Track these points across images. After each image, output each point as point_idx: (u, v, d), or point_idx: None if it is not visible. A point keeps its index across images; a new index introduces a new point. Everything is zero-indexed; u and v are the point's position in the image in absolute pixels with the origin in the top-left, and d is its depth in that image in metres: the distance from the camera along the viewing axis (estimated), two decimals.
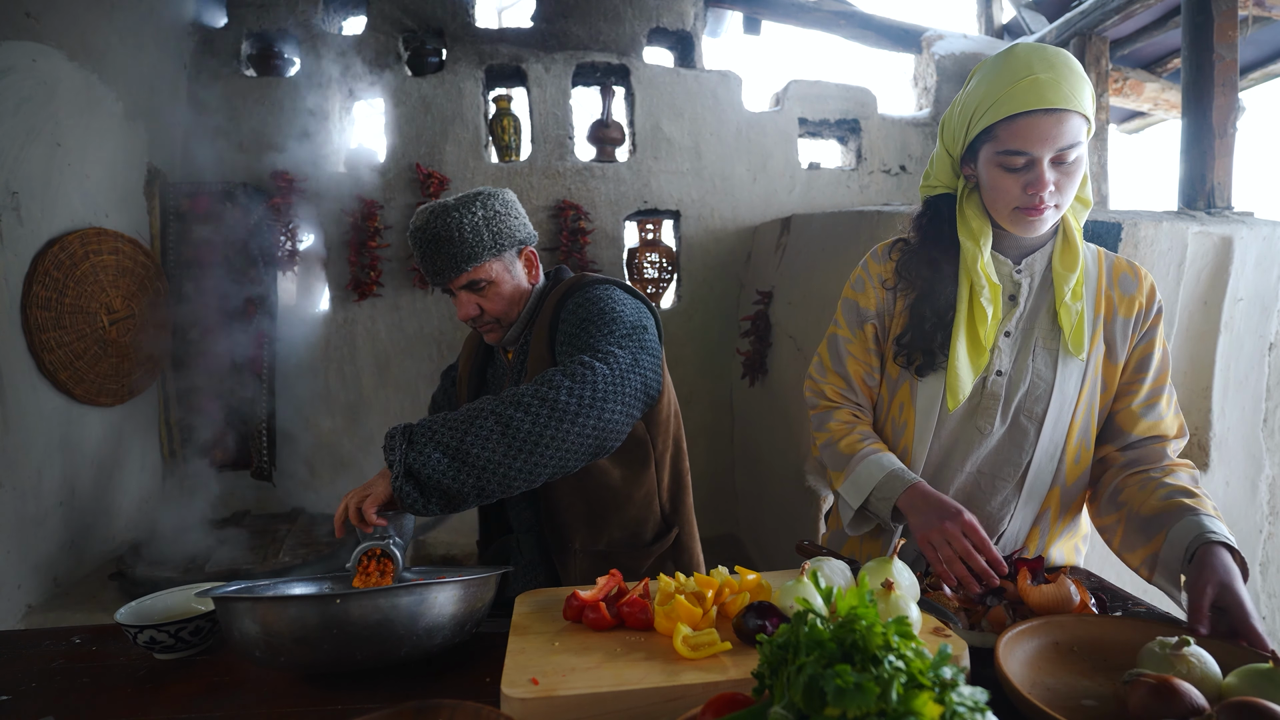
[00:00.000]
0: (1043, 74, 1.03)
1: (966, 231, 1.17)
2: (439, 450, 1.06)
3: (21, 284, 2.38)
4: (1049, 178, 1.06)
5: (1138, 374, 1.18)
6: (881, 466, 1.18)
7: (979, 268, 1.14)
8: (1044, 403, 1.18)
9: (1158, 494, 1.08)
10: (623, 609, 0.97)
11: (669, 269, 3.77)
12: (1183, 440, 1.17)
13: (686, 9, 3.84)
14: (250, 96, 3.44)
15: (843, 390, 1.32)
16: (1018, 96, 1.03)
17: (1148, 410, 1.18)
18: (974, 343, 1.17)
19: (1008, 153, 1.07)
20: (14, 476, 2.29)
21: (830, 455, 1.27)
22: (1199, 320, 2.58)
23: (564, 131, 3.68)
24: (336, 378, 3.55)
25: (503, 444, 1.07)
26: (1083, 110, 1.04)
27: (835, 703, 0.51)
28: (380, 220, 3.47)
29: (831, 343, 1.34)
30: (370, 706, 0.87)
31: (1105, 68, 3.21)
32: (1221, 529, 0.99)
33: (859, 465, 1.20)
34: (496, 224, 1.34)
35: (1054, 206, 1.09)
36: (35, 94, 2.43)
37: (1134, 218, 2.40)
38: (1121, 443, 1.19)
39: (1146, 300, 1.19)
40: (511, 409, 1.09)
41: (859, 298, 1.30)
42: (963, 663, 0.85)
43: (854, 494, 1.20)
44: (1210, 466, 2.58)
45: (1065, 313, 1.15)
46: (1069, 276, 1.15)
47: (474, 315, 1.36)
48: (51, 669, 1.03)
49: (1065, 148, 1.04)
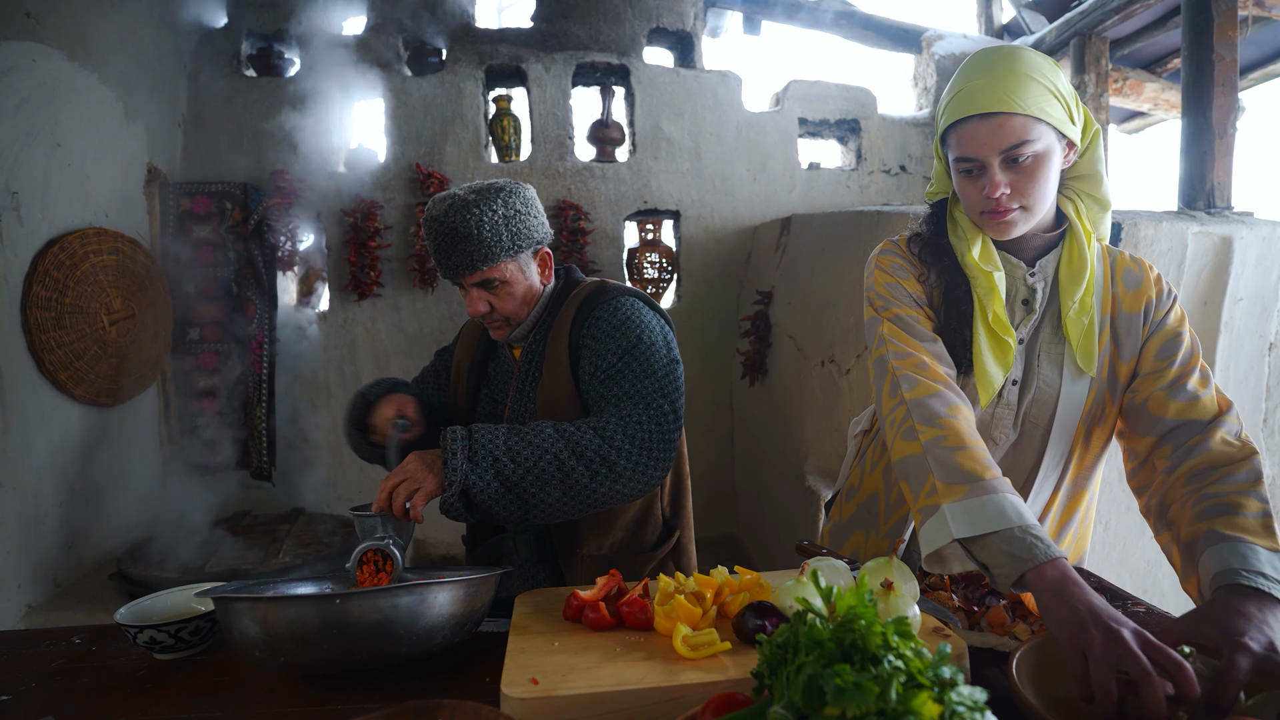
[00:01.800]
0: (979, 80, 1.04)
1: (956, 233, 1.17)
2: (498, 479, 1.13)
3: (21, 284, 2.38)
4: (1000, 179, 1.05)
5: (1161, 361, 1.12)
6: (1019, 513, 0.91)
7: (969, 260, 1.14)
8: (1050, 409, 1.16)
9: (1194, 511, 0.97)
10: (622, 609, 0.97)
11: (669, 269, 3.77)
12: (1229, 416, 1.06)
13: (686, 9, 3.84)
14: (250, 96, 3.44)
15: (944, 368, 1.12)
16: (957, 105, 1.06)
17: (1178, 392, 1.09)
18: (992, 335, 1.13)
19: (960, 159, 1.08)
20: (14, 476, 2.29)
21: (940, 461, 0.98)
22: (1199, 320, 2.58)
23: (564, 131, 3.68)
24: (336, 378, 3.55)
25: (558, 491, 1.15)
26: (1024, 110, 1.02)
27: (834, 702, 0.51)
28: (380, 220, 3.47)
29: (902, 323, 1.15)
30: (370, 706, 0.87)
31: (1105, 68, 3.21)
32: (1254, 560, 0.86)
33: (989, 495, 0.93)
34: (516, 224, 1.30)
35: (1019, 208, 1.07)
36: (35, 94, 2.43)
37: (1134, 218, 2.40)
38: (1158, 431, 1.09)
39: (1155, 292, 1.16)
40: (574, 459, 1.16)
41: (904, 283, 1.19)
42: (962, 662, 0.85)
43: (965, 522, 0.92)
44: None
45: (1071, 325, 1.12)
46: (1074, 289, 1.12)
47: (484, 312, 1.34)
48: (51, 669, 1.03)
49: (1011, 148, 1.03)
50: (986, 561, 0.90)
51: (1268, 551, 0.87)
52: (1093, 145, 1.13)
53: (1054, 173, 1.08)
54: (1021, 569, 0.86)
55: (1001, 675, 0.87)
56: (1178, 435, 1.07)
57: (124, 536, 2.84)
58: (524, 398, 1.39)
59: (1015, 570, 0.87)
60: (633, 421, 1.21)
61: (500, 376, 1.46)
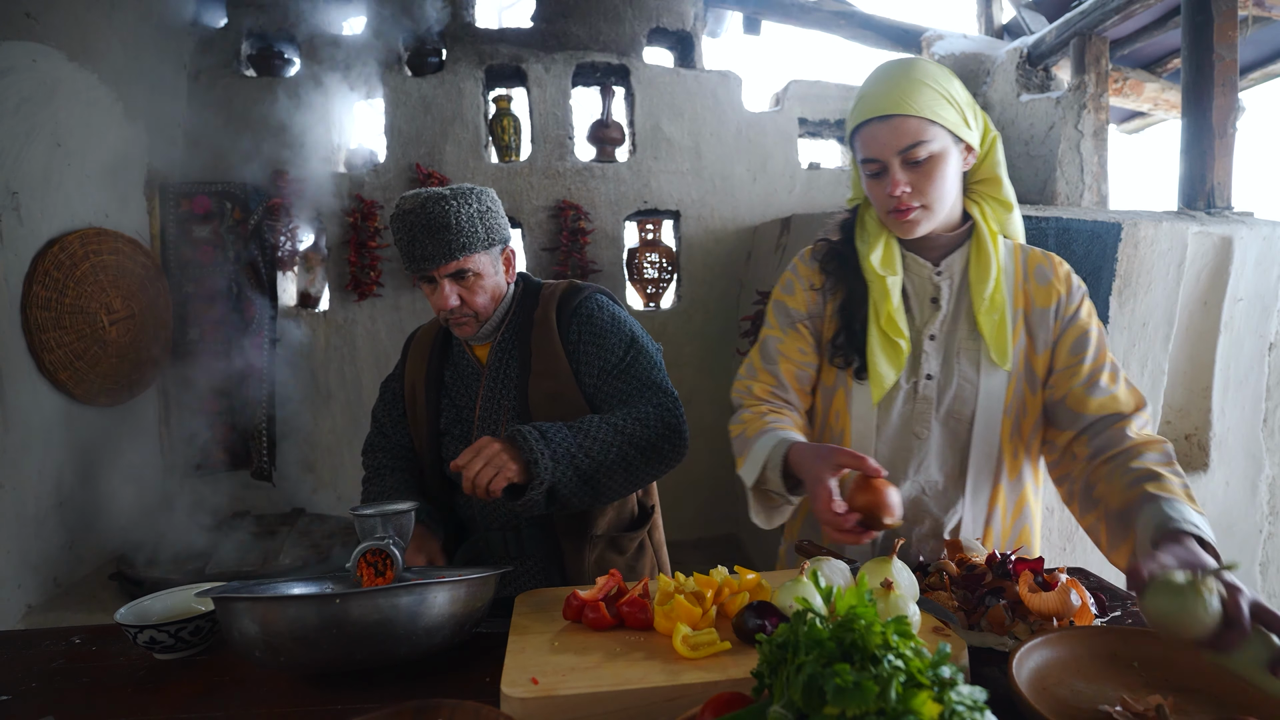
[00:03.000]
0: (877, 87, 1.13)
1: (861, 236, 1.25)
2: (576, 474, 1.25)
3: (21, 284, 2.38)
4: (900, 178, 1.13)
5: (1074, 356, 1.18)
6: (778, 439, 1.12)
7: (867, 265, 1.21)
8: (971, 404, 1.20)
9: (1123, 482, 1.04)
10: (622, 609, 0.97)
11: (669, 269, 3.77)
12: (1144, 412, 1.14)
13: (686, 9, 3.84)
14: (250, 96, 3.44)
15: (773, 388, 1.28)
16: (858, 110, 1.15)
17: (1093, 388, 1.15)
18: (884, 337, 1.20)
19: (864, 161, 1.16)
20: (14, 476, 2.29)
21: (737, 444, 1.22)
22: (1199, 320, 2.58)
23: (564, 131, 3.68)
24: (336, 378, 3.55)
25: (621, 478, 1.31)
26: (918, 113, 1.10)
27: (834, 702, 0.51)
28: (380, 220, 3.47)
29: (763, 345, 1.32)
30: (370, 706, 0.87)
31: (1105, 68, 3.20)
32: (1186, 514, 0.93)
33: (755, 442, 1.15)
34: (489, 219, 1.38)
35: (921, 206, 1.15)
36: (35, 94, 2.43)
37: (1134, 218, 2.40)
38: (1079, 426, 1.16)
39: (1065, 286, 1.21)
40: (632, 449, 1.30)
41: (788, 299, 1.31)
42: (961, 662, 0.85)
43: (749, 470, 1.15)
44: (1210, 466, 2.58)
45: (984, 320, 1.18)
46: (983, 286, 1.18)
47: (454, 306, 1.36)
48: (51, 669, 1.03)
49: (907, 148, 1.11)
50: (770, 484, 1.12)
51: (1198, 514, 0.94)
52: (992, 150, 1.21)
53: (951, 173, 1.15)
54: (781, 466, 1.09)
55: (1001, 675, 0.87)
56: (1096, 428, 1.14)
57: (124, 536, 2.83)
58: (497, 394, 1.42)
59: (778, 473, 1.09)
60: (662, 406, 1.36)
61: (462, 381, 1.47)
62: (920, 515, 1.24)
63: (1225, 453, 2.61)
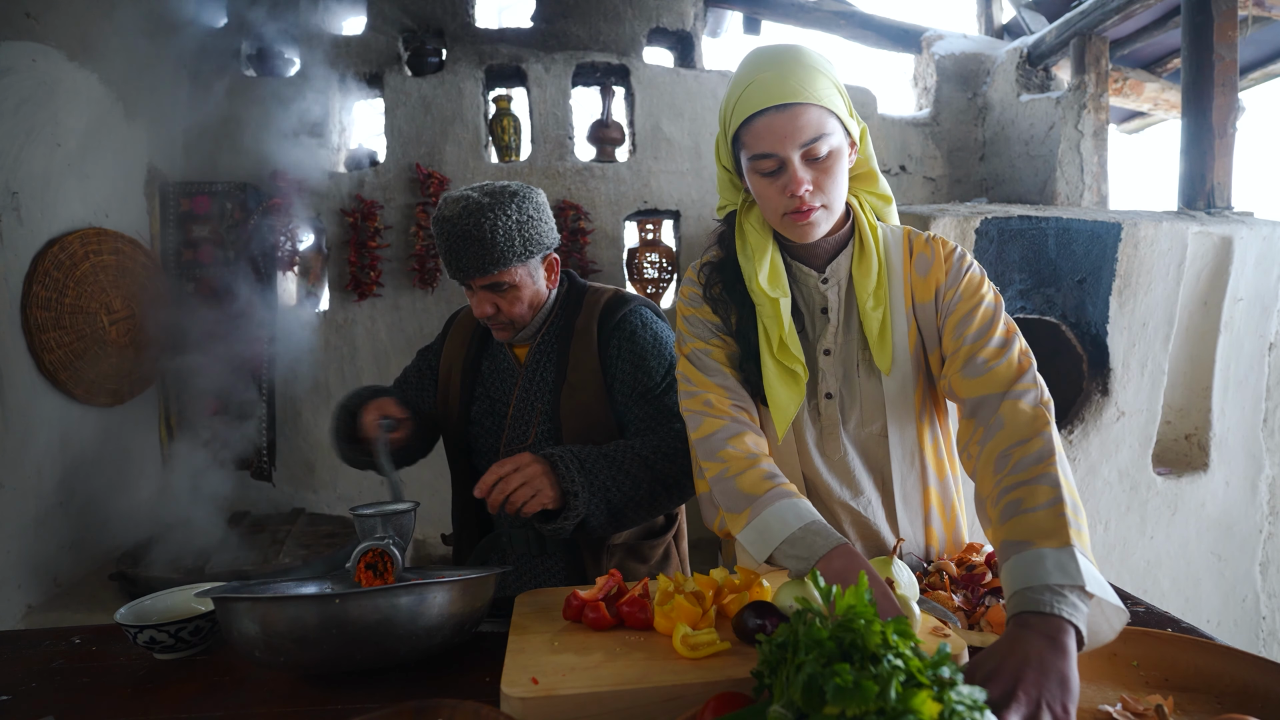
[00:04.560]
0: (767, 72, 1.00)
1: (742, 248, 1.13)
2: (607, 507, 1.25)
3: (21, 284, 2.38)
4: (803, 176, 1.01)
5: (956, 340, 1.07)
6: (798, 515, 0.95)
7: (755, 286, 1.09)
8: (880, 418, 1.13)
9: (996, 511, 0.90)
10: (622, 609, 0.97)
11: (669, 269, 3.77)
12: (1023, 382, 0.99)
13: (686, 9, 3.84)
14: (250, 96, 3.44)
15: (730, 398, 1.12)
16: (749, 98, 1.01)
17: (968, 367, 1.03)
18: (778, 363, 1.10)
19: (757, 157, 1.02)
20: (14, 476, 2.29)
21: (725, 492, 1.03)
22: (1199, 320, 2.58)
23: (564, 131, 3.68)
24: (336, 378, 3.55)
25: (646, 510, 1.31)
26: (818, 101, 0.99)
27: (834, 701, 0.51)
28: (380, 220, 3.47)
29: (695, 359, 1.15)
30: (370, 706, 0.87)
31: (1105, 68, 3.21)
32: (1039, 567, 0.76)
33: (765, 510, 0.97)
34: (528, 229, 1.32)
35: (821, 207, 1.03)
36: (35, 94, 2.43)
37: (1134, 218, 2.40)
38: (966, 411, 1.04)
39: (942, 271, 1.11)
40: (659, 486, 1.30)
41: (698, 312, 1.18)
42: (961, 662, 0.85)
43: (758, 544, 0.96)
44: (1210, 466, 2.58)
45: (868, 323, 1.10)
46: (867, 282, 1.10)
47: (490, 315, 1.35)
48: (51, 669, 1.03)
49: (809, 142, 0.99)
50: (788, 567, 0.95)
51: (1054, 551, 0.77)
52: (864, 143, 1.12)
53: (846, 169, 1.06)
54: (809, 565, 0.91)
55: None
56: (981, 413, 1.00)
57: (124, 536, 2.83)
58: (532, 397, 1.41)
59: (806, 567, 0.91)
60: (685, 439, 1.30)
61: (499, 376, 1.46)
62: (858, 533, 1.17)
63: (1225, 453, 2.61)
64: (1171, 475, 2.57)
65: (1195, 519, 2.58)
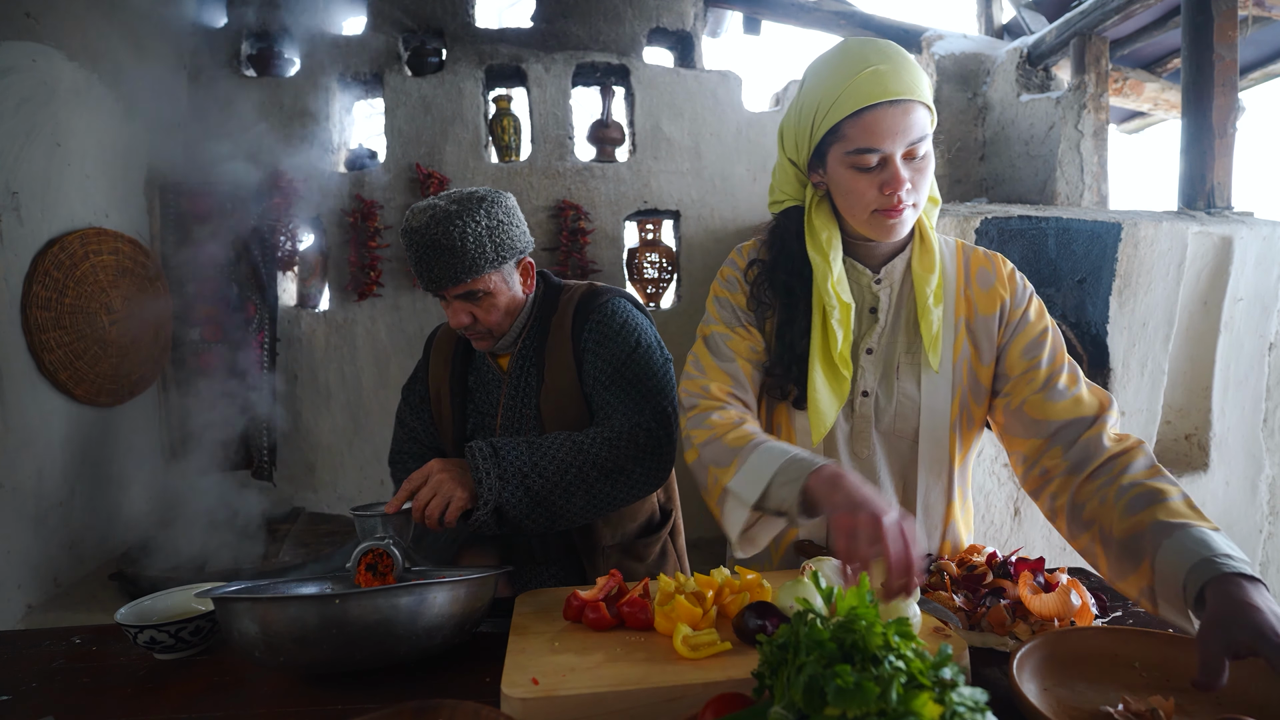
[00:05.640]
0: (882, 65, 0.98)
1: (815, 246, 1.10)
2: (527, 495, 1.19)
3: (21, 284, 2.38)
4: (904, 174, 1.00)
5: (1028, 360, 1.09)
6: (783, 451, 0.96)
7: (829, 287, 1.08)
8: (914, 421, 1.13)
9: (1120, 505, 0.94)
10: (623, 609, 0.97)
11: (669, 269, 3.77)
12: (1112, 411, 1.04)
13: (686, 9, 3.84)
14: (250, 96, 3.44)
15: (732, 388, 1.12)
16: (861, 89, 0.98)
17: (1052, 393, 1.06)
18: (830, 368, 1.09)
19: (859, 151, 1.00)
20: (14, 476, 2.29)
21: (714, 451, 1.03)
22: (1199, 320, 2.58)
23: (564, 131, 3.68)
24: (336, 378, 3.55)
25: (581, 500, 1.23)
26: (925, 100, 1.00)
27: (835, 702, 0.51)
28: (380, 220, 3.47)
29: (710, 343, 1.16)
30: (370, 706, 0.87)
31: (1105, 68, 3.20)
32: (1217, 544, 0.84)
33: (752, 454, 0.97)
34: (499, 234, 1.29)
35: (912, 206, 1.04)
36: (35, 94, 2.42)
37: (1134, 218, 2.40)
38: (1043, 433, 1.06)
39: (1009, 289, 1.13)
40: (593, 470, 1.23)
41: (731, 296, 1.18)
42: (962, 663, 0.85)
43: (749, 485, 0.96)
44: (1210, 466, 2.58)
45: (925, 321, 1.09)
46: (929, 278, 1.09)
47: (466, 324, 1.32)
48: (51, 669, 1.03)
49: (915, 141, 1.00)
50: (778, 505, 0.93)
51: (1215, 532, 0.86)
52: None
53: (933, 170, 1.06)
54: (800, 484, 0.90)
55: (1001, 675, 0.87)
56: (1064, 435, 1.04)
57: (124, 536, 2.83)
58: (519, 405, 1.39)
59: (796, 489, 0.90)
60: (640, 427, 1.28)
61: (485, 388, 1.44)
62: None
63: (1225, 453, 2.61)
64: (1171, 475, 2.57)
65: None
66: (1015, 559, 1.06)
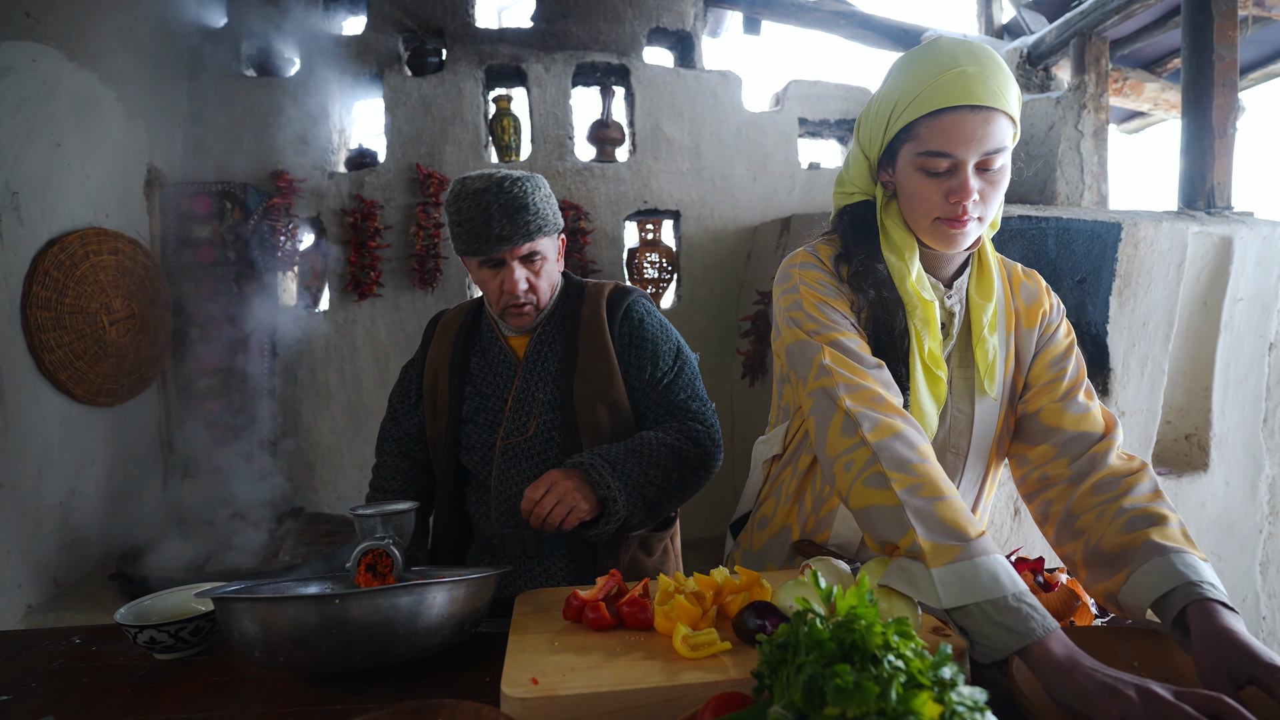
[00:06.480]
0: (970, 67, 0.93)
1: (890, 246, 1.06)
2: (645, 505, 1.30)
3: (21, 284, 2.38)
4: (973, 185, 0.96)
5: (1053, 371, 1.10)
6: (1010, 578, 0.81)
7: (909, 287, 1.04)
8: (966, 436, 1.13)
9: (1118, 522, 0.93)
10: (622, 609, 0.97)
11: (669, 269, 3.77)
12: (1119, 431, 1.05)
13: (686, 9, 3.84)
14: (250, 96, 3.44)
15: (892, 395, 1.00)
16: (943, 90, 0.93)
17: (1071, 404, 1.07)
18: (928, 371, 1.07)
19: (930, 154, 0.97)
20: (14, 476, 2.29)
21: (921, 513, 0.86)
22: (1199, 320, 2.58)
23: (564, 131, 3.68)
24: (336, 378, 3.55)
25: (678, 498, 1.36)
26: (1010, 111, 0.96)
27: (835, 702, 0.51)
28: (380, 220, 3.47)
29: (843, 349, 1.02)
30: (370, 706, 0.87)
31: (1105, 68, 3.20)
32: (1203, 571, 0.84)
33: (978, 558, 0.82)
34: (553, 204, 1.38)
35: (977, 219, 1.00)
36: (35, 94, 2.43)
37: (1134, 218, 2.40)
38: (1053, 441, 1.06)
39: (1049, 304, 1.15)
40: (688, 471, 1.35)
41: (835, 303, 1.07)
42: (962, 663, 0.85)
43: (954, 587, 0.81)
44: (1210, 466, 2.58)
45: (981, 348, 1.07)
46: (986, 306, 1.08)
47: (523, 290, 1.34)
48: (51, 669, 1.03)
49: (992, 151, 0.95)
50: (972, 629, 0.80)
51: (1204, 562, 0.86)
52: None
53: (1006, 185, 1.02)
54: (1019, 644, 0.77)
55: (1002, 675, 0.87)
56: (1073, 447, 1.04)
57: (124, 536, 2.83)
58: (532, 390, 1.40)
59: (1010, 644, 0.77)
60: (707, 423, 1.41)
61: (492, 371, 1.45)
62: None
63: (1225, 453, 2.60)
64: (1171, 475, 2.57)
65: (1195, 519, 2.57)
66: (1015, 559, 1.06)
